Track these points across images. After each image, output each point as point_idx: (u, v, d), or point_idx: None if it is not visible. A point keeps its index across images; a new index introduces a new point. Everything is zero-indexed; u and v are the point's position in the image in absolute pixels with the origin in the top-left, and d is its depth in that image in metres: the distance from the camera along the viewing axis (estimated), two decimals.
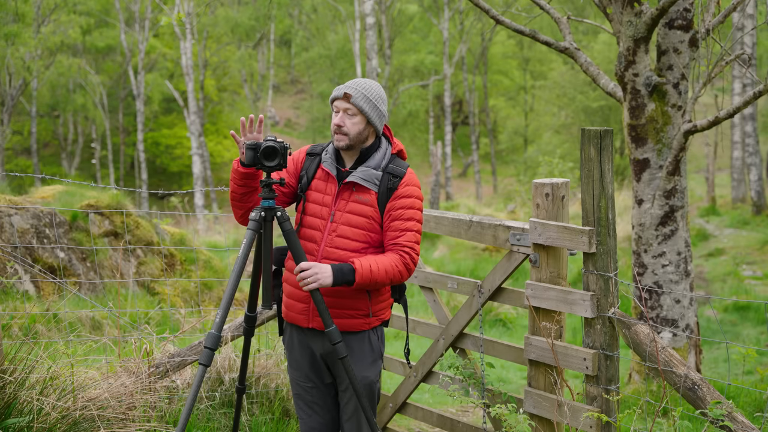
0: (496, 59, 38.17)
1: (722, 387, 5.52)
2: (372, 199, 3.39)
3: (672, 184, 5.81)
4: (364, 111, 3.36)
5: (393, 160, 3.45)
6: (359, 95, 3.35)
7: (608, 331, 3.60)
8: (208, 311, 7.34)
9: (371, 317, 3.47)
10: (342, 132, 3.37)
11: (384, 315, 3.54)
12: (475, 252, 13.19)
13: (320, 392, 3.57)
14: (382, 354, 3.58)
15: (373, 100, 3.38)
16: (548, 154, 23.93)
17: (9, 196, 7.44)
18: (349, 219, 3.38)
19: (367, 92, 3.38)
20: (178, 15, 12.19)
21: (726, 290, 10.70)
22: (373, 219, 3.38)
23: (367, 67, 16.53)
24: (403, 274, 3.35)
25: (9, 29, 25.09)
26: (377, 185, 3.39)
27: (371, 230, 3.39)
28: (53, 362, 4.14)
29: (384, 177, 3.40)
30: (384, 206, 3.38)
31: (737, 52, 6.01)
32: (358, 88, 3.37)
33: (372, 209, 3.38)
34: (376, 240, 3.41)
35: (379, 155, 3.43)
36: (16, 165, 31.98)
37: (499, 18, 6.08)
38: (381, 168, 3.42)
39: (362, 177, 3.38)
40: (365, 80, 3.42)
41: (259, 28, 33.44)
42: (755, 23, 15.49)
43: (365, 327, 3.47)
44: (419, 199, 3.41)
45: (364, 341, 3.48)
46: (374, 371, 3.51)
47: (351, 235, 3.38)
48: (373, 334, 3.51)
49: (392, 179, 3.39)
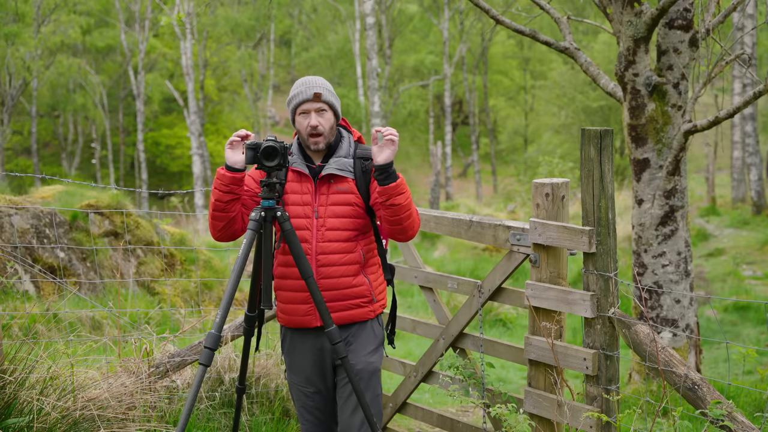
0: (496, 59, 38.18)
1: (722, 387, 5.52)
2: (351, 186, 3.45)
3: (672, 184, 5.81)
4: (333, 105, 3.44)
5: (358, 146, 3.53)
6: (327, 92, 3.42)
7: (608, 331, 3.60)
8: (208, 311, 7.34)
9: (375, 303, 3.53)
10: (318, 132, 3.41)
11: (383, 300, 3.61)
12: (475, 252, 13.19)
13: (322, 397, 3.56)
14: (382, 341, 3.64)
15: (334, 92, 3.47)
16: (548, 154, 23.92)
17: (9, 196, 7.43)
18: (334, 211, 3.43)
19: (327, 86, 3.46)
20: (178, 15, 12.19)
21: (726, 290, 10.70)
22: (356, 205, 3.45)
23: (367, 67, 16.53)
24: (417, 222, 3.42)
25: (9, 29, 25.10)
26: (352, 171, 3.45)
27: (357, 216, 3.45)
28: (53, 362, 4.14)
29: (356, 163, 3.46)
30: (364, 190, 3.45)
31: (737, 52, 6.01)
32: (321, 85, 3.43)
33: (353, 196, 3.44)
34: (363, 225, 3.47)
35: (345, 144, 3.51)
36: (16, 165, 31.98)
37: (499, 18, 6.08)
38: (351, 155, 3.48)
39: (337, 167, 3.44)
40: (315, 77, 3.48)
41: (259, 28, 33.43)
42: (755, 23, 15.49)
43: (371, 315, 3.53)
44: None
45: (368, 329, 3.54)
46: (378, 357, 3.58)
47: (339, 225, 3.42)
48: (376, 321, 3.58)
49: (364, 162, 3.46)
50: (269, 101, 36.82)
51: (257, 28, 33.31)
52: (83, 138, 35.69)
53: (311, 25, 38.30)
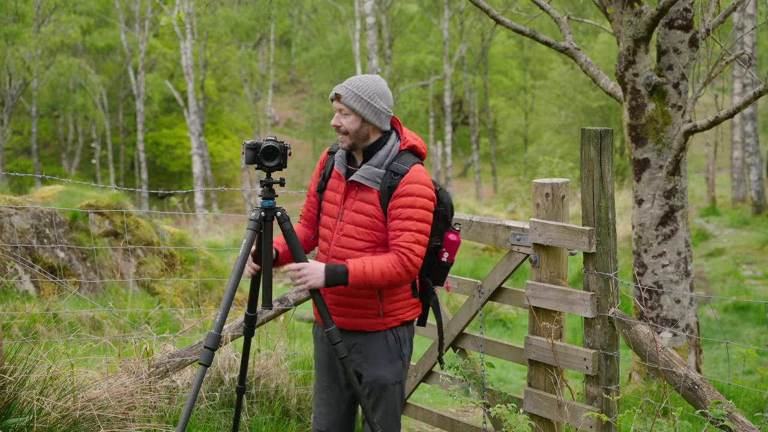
0: (496, 59, 38.17)
1: (722, 387, 5.52)
2: (374, 197, 3.31)
3: (672, 184, 5.81)
4: (356, 110, 3.29)
5: (399, 157, 3.33)
6: (349, 94, 3.29)
7: (608, 331, 3.60)
8: (208, 311, 7.34)
9: (384, 317, 3.39)
10: (341, 132, 3.34)
11: (403, 315, 3.44)
12: (475, 252, 13.19)
13: (334, 393, 3.54)
14: (404, 355, 3.45)
15: (365, 98, 3.29)
16: (548, 154, 23.93)
17: (9, 196, 7.43)
18: (354, 218, 3.34)
19: (358, 90, 3.30)
20: (178, 15, 12.18)
21: (726, 290, 10.70)
22: (376, 218, 3.31)
23: (367, 67, 16.54)
24: (402, 275, 3.25)
25: (9, 29, 25.10)
26: (379, 183, 3.31)
27: (375, 229, 3.32)
28: (53, 362, 4.14)
29: (386, 175, 3.30)
30: (386, 205, 3.30)
31: (737, 52, 6.01)
32: (349, 86, 3.31)
33: (374, 208, 3.31)
34: (382, 239, 3.34)
35: (383, 152, 3.33)
36: (16, 165, 31.98)
37: (499, 18, 6.08)
38: (384, 166, 3.32)
39: (363, 176, 3.32)
40: (361, 77, 3.35)
41: (259, 28, 33.42)
42: (755, 23, 15.49)
43: (381, 327, 3.40)
44: (423, 197, 3.27)
45: (379, 341, 3.41)
46: (391, 372, 3.41)
47: (356, 234, 3.34)
48: (391, 334, 3.41)
49: (393, 177, 3.28)
50: (269, 101, 36.81)
51: (257, 28, 33.30)
52: (83, 138, 35.69)
53: (311, 25, 38.29)
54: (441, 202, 3.39)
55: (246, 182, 30.31)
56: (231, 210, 31.35)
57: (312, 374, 4.94)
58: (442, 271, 3.45)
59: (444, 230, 3.40)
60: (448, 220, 3.42)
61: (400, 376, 3.45)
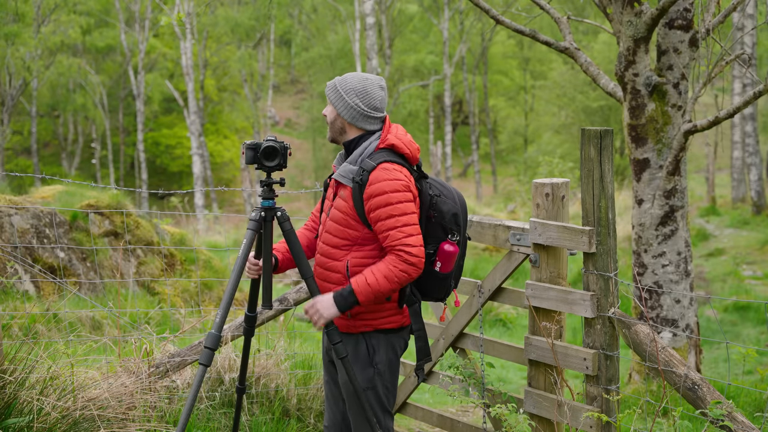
0: (496, 59, 38.17)
1: (722, 387, 5.52)
2: (347, 194, 3.29)
3: (672, 184, 5.81)
4: (331, 101, 3.33)
5: (373, 155, 3.27)
6: (331, 85, 3.34)
7: (608, 331, 3.60)
8: (208, 311, 7.34)
9: (353, 319, 3.33)
10: (327, 122, 3.41)
11: (377, 323, 3.33)
12: (475, 252, 13.19)
13: (331, 389, 3.57)
14: (376, 363, 3.36)
15: (341, 91, 3.28)
16: (548, 154, 23.93)
17: (9, 196, 7.43)
18: (334, 215, 3.34)
19: (340, 83, 3.31)
20: (178, 15, 12.18)
21: (726, 290, 10.70)
22: (348, 216, 3.27)
23: (367, 67, 16.54)
24: (408, 271, 3.16)
25: (9, 29, 25.10)
26: (352, 180, 3.27)
27: (347, 226, 3.28)
28: (53, 362, 4.14)
29: (357, 171, 3.26)
30: (358, 201, 3.24)
31: (737, 52, 6.01)
32: (336, 79, 3.36)
33: (347, 206, 3.27)
34: (356, 237, 3.28)
35: (359, 150, 3.31)
36: (16, 165, 31.98)
37: (499, 18, 6.08)
38: (357, 163, 3.30)
39: (341, 173, 3.31)
40: (354, 74, 3.34)
41: (259, 28, 33.43)
42: (755, 23, 15.49)
43: (352, 330, 3.36)
44: (395, 191, 3.17)
45: (351, 344, 3.37)
46: (362, 377, 3.35)
47: (333, 231, 3.33)
48: (362, 339, 3.35)
49: (362, 173, 3.23)
50: (269, 101, 36.82)
51: (257, 28, 33.31)
52: (83, 138, 35.69)
53: (311, 25, 38.29)
54: (437, 210, 3.29)
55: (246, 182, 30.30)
56: (231, 210, 31.36)
57: (312, 374, 4.95)
58: (435, 281, 3.33)
59: (442, 239, 3.30)
60: (445, 229, 3.30)
61: (372, 382, 3.37)
